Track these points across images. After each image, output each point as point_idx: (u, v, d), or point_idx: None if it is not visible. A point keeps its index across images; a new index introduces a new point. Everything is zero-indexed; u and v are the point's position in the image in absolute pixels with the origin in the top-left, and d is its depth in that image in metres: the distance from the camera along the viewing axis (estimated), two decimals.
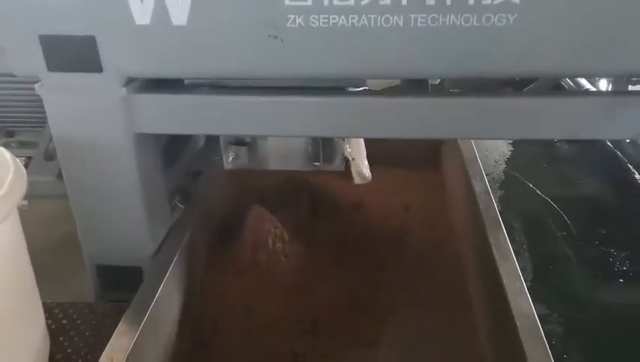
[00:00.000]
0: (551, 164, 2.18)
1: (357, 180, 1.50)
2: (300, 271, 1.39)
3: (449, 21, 0.92)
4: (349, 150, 1.24)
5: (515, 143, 2.31)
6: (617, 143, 2.19)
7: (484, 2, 0.90)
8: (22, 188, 0.91)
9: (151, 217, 1.19)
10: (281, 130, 1.11)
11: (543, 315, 1.39)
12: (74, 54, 0.99)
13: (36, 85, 1.04)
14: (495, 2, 0.90)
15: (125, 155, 1.11)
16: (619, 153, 2.15)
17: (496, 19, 0.91)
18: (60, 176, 1.33)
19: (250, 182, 1.59)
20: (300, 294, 1.34)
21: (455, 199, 1.62)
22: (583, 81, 1.93)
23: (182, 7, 0.94)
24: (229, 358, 1.21)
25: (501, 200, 1.95)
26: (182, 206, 1.55)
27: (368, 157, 1.42)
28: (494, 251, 1.16)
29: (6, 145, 1.21)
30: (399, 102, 1.05)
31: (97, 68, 1.00)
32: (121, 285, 1.21)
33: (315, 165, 1.20)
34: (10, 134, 1.43)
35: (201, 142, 1.61)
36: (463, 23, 0.92)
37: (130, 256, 1.21)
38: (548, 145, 2.27)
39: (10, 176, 0.90)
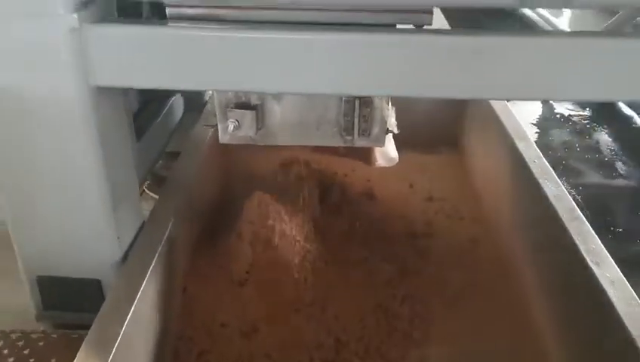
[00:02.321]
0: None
1: (380, 162, 1.19)
2: (313, 277, 1.07)
3: None
4: (393, 119, 0.92)
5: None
6: None
7: None
8: None
9: (115, 209, 0.84)
10: (302, 84, 0.77)
11: None
12: None
13: None
14: None
15: (79, 119, 0.76)
16: None
17: None
18: None
19: (240, 165, 1.25)
20: (315, 308, 1.03)
21: (491, 182, 1.34)
22: None
23: None
24: None
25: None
26: (154, 195, 1.21)
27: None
28: (582, 252, 0.88)
29: None
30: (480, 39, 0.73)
31: None
32: (71, 303, 0.87)
33: (348, 139, 0.88)
34: None
35: (179, 112, 1.26)
36: None
37: (86, 265, 0.86)
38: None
39: None
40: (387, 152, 1.20)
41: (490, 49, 0.71)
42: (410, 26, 0.76)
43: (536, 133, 1.92)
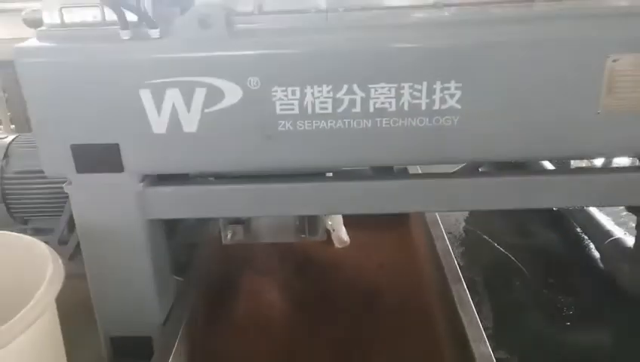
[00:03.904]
0: (506, 218, 2.44)
1: (337, 244, 1.71)
2: (289, 328, 1.57)
3: (407, 123, 1.16)
4: (329, 223, 1.45)
5: None
6: None
7: (433, 108, 1.15)
8: (59, 281, 1.07)
9: (159, 290, 1.36)
10: (272, 210, 1.32)
11: (503, 359, 1.59)
12: (100, 159, 1.19)
13: (64, 185, 1.23)
14: (442, 107, 1.15)
15: (139, 238, 1.29)
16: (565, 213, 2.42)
17: (443, 120, 1.16)
18: (71, 258, 1.50)
19: (242, 252, 1.77)
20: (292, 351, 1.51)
21: (422, 257, 1.84)
22: None
23: (193, 118, 1.16)
24: None
25: (463, 255, 2.18)
26: (179, 278, 1.72)
27: (346, 220, 1.64)
28: (456, 303, 1.38)
29: (22, 232, 1.37)
30: (367, 184, 1.28)
31: (119, 169, 1.20)
32: (133, 354, 1.36)
33: (302, 237, 1.41)
34: (25, 222, 1.59)
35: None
36: (418, 123, 1.16)
37: (142, 327, 1.37)
38: None
39: (50, 270, 1.07)
40: (341, 237, 1.73)
41: None
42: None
43: None
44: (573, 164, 1.76)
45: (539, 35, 1.12)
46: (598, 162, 2.08)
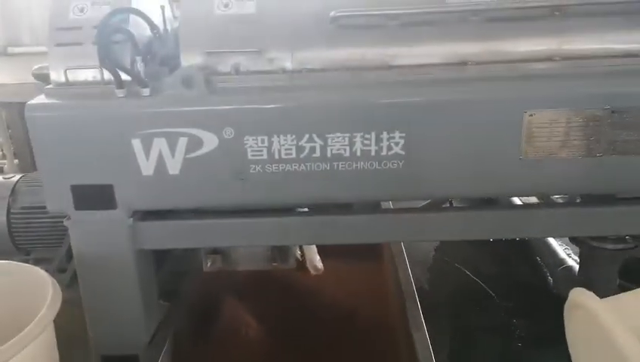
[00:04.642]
0: (474, 247, 2.62)
1: (312, 271, 1.90)
2: (265, 350, 1.73)
3: (360, 166, 1.36)
4: (299, 253, 1.63)
5: None
6: None
7: (382, 154, 1.35)
8: (58, 303, 1.25)
9: (146, 313, 1.53)
10: (247, 241, 1.51)
11: None
12: (96, 198, 1.38)
13: (64, 220, 1.41)
14: (389, 153, 1.35)
15: (129, 266, 1.47)
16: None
17: (390, 164, 1.36)
18: (69, 285, 1.67)
19: (225, 279, 1.95)
20: None
21: (388, 284, 2.02)
22: None
23: (176, 162, 1.35)
24: None
25: (430, 282, 2.36)
26: (166, 302, 1.89)
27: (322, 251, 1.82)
28: (411, 328, 1.55)
29: (25, 261, 1.55)
30: (330, 219, 1.48)
31: (113, 206, 1.39)
32: None
33: (274, 265, 1.59)
34: (28, 253, 1.77)
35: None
36: (369, 167, 1.36)
37: (129, 346, 1.53)
38: None
39: (50, 294, 1.25)
40: (315, 266, 1.92)
41: None
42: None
43: None
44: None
45: (469, 94, 1.34)
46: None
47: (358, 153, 1.35)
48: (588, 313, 1.00)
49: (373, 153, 1.35)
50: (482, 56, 1.37)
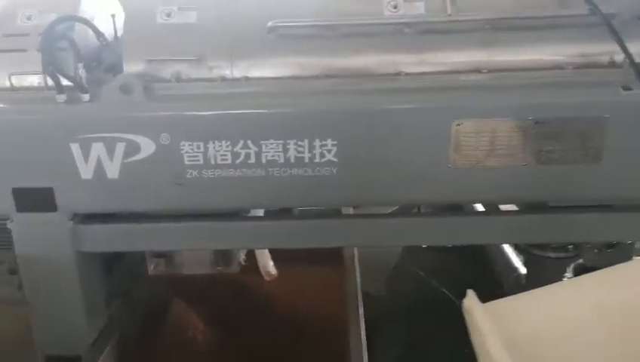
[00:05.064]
0: (434, 253, 2.65)
1: (266, 277, 1.93)
2: (214, 355, 1.76)
3: (294, 172, 1.40)
4: (243, 257, 1.66)
5: None
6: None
7: (315, 160, 1.39)
8: None
9: (89, 314, 1.56)
10: (186, 245, 1.54)
11: None
12: (36, 200, 1.41)
13: (7, 222, 1.45)
14: (322, 160, 1.38)
15: (70, 268, 1.50)
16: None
17: (324, 171, 1.39)
18: (20, 286, 1.70)
19: (177, 282, 1.98)
20: None
21: (343, 291, 2.05)
22: None
23: (115, 166, 1.39)
24: None
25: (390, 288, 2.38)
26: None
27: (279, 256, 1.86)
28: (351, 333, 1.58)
29: None
30: (270, 223, 1.51)
31: (53, 209, 1.42)
32: None
33: (218, 269, 1.62)
34: None
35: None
36: (303, 173, 1.40)
37: (73, 346, 1.56)
38: None
39: None
40: (269, 271, 1.95)
41: None
42: None
43: None
44: None
45: (400, 103, 1.37)
46: None
47: (292, 159, 1.38)
48: (471, 317, 1.03)
49: (306, 160, 1.38)
50: (415, 67, 1.41)
